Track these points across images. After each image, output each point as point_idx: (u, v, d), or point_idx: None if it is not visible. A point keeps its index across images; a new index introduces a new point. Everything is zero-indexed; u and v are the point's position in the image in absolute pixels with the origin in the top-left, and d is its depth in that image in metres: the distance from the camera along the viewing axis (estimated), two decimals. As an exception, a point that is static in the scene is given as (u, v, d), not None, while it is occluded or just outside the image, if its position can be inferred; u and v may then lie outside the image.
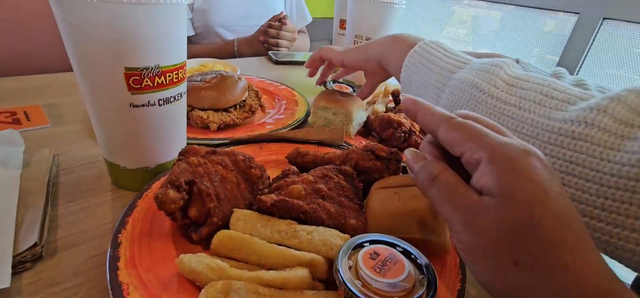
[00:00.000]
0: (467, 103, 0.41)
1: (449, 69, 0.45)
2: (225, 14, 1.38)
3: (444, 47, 0.48)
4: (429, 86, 0.47)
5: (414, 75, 0.49)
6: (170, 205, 0.36)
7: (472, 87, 0.40)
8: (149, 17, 0.38)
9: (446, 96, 0.44)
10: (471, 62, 0.44)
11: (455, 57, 0.46)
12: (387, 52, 0.56)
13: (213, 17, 1.35)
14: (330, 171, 0.45)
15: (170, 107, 0.45)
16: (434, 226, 0.38)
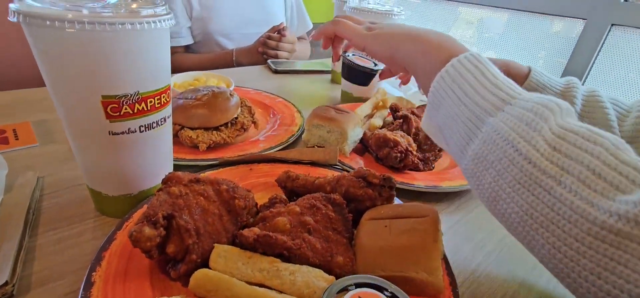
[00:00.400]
0: (499, 161, 0.33)
1: (484, 107, 0.35)
2: (225, 22, 1.37)
3: (485, 68, 0.37)
4: (458, 122, 0.37)
5: (443, 102, 0.39)
6: (145, 243, 0.34)
7: (508, 145, 0.32)
8: (125, 44, 0.36)
9: (477, 145, 0.35)
10: (516, 98, 0.34)
11: (495, 89, 0.35)
12: (416, 60, 0.46)
13: (212, 26, 1.34)
14: (318, 200, 0.42)
15: (153, 133, 0.43)
16: (426, 264, 0.36)
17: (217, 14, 1.34)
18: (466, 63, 0.38)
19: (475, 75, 0.37)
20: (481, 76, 0.37)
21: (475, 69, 0.38)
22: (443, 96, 0.39)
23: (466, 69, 0.38)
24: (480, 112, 0.35)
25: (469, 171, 0.36)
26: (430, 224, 0.39)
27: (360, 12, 0.83)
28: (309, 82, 1.16)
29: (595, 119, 0.63)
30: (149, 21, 0.37)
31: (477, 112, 0.36)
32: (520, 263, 0.49)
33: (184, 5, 1.29)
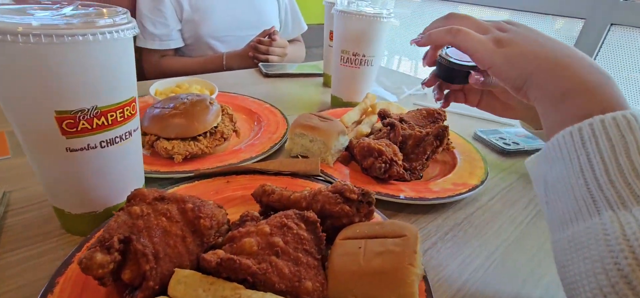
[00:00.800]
0: (599, 261, 0.27)
1: (608, 196, 0.27)
2: (217, 24, 1.34)
3: (631, 142, 0.28)
4: (570, 194, 0.30)
5: (560, 162, 0.31)
6: (97, 270, 0.32)
7: (615, 256, 0.26)
8: (79, 56, 0.34)
9: (581, 231, 0.29)
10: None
11: (633, 177, 0.27)
12: (552, 98, 0.36)
13: (204, 28, 1.32)
14: (290, 218, 0.40)
15: (117, 148, 0.41)
16: (400, 290, 0.34)
17: (208, 16, 1.31)
18: (610, 129, 0.29)
19: (615, 147, 0.28)
20: (622, 152, 0.28)
21: (619, 140, 0.29)
22: (563, 156, 0.32)
23: (607, 136, 0.29)
24: (601, 199, 0.28)
25: (560, 247, 0.32)
26: (406, 245, 0.36)
27: (347, 16, 0.81)
28: (300, 85, 1.13)
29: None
30: (104, 31, 0.34)
31: (597, 197, 0.28)
32: (509, 279, 0.46)
33: (173, 7, 1.26)
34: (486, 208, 0.60)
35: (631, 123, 0.29)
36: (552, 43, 0.39)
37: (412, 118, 0.74)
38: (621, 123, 0.29)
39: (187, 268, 0.36)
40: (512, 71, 0.40)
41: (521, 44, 0.40)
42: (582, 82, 0.34)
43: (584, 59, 0.36)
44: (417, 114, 0.75)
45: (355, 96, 0.90)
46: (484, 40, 0.42)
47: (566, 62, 0.37)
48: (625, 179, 0.27)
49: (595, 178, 0.29)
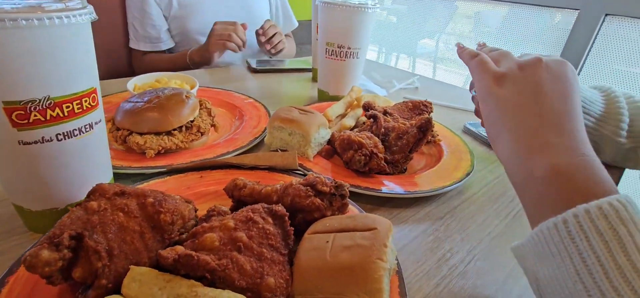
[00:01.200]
0: None
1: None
2: (206, 20, 1.30)
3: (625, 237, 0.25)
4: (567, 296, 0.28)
5: (550, 259, 0.30)
6: (43, 268, 0.30)
7: None
8: (26, 42, 0.32)
9: None
10: None
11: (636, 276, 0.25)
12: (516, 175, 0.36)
13: (191, 24, 1.29)
14: (257, 212, 0.38)
15: (76, 142, 0.39)
16: (367, 286, 0.32)
17: (196, 11, 1.29)
18: (598, 222, 0.26)
19: (609, 245, 0.26)
20: (619, 251, 0.25)
21: (612, 236, 0.26)
22: (553, 253, 0.29)
23: (597, 231, 0.26)
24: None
25: None
26: (376, 239, 0.34)
27: (331, 7, 0.79)
28: (289, 81, 1.12)
29: (638, 128, 0.61)
30: (52, 16, 0.32)
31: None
32: (489, 276, 0.44)
33: (158, 5, 1.24)
34: (471, 201, 0.59)
35: (620, 213, 0.26)
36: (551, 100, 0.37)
37: (397, 111, 0.72)
38: (609, 214, 0.26)
39: (145, 265, 0.34)
40: (487, 125, 0.42)
41: (511, 89, 0.40)
42: (563, 163, 0.32)
43: (574, 132, 0.35)
44: (403, 107, 0.74)
45: (341, 90, 0.88)
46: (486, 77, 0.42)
47: (546, 133, 0.35)
48: (630, 286, 0.25)
49: (596, 283, 0.26)
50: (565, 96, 0.37)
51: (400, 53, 3.52)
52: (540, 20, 1.78)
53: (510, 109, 0.38)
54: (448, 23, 3.16)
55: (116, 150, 0.58)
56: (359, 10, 0.78)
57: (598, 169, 0.31)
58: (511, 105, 0.38)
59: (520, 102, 0.38)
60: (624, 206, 0.26)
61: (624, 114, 0.61)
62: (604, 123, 0.62)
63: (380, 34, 3.42)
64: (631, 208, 0.26)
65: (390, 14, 3.47)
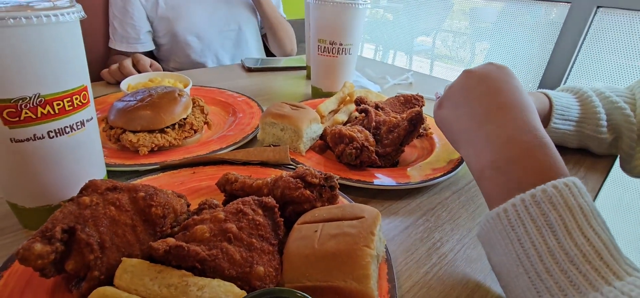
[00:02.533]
0: None
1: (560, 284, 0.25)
2: (194, 20, 1.28)
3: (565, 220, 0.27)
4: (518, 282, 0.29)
5: (496, 247, 0.31)
6: (35, 261, 0.30)
7: None
8: (14, 41, 0.33)
9: None
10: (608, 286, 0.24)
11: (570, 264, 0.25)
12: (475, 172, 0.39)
13: (180, 25, 1.26)
14: (247, 204, 0.39)
15: (68, 139, 0.40)
16: (354, 272, 0.33)
17: (184, 12, 1.26)
18: (531, 208, 0.28)
19: (542, 230, 0.27)
20: (550, 236, 0.27)
21: (543, 221, 0.27)
22: (498, 240, 0.31)
23: (531, 218, 0.28)
24: (542, 290, 0.26)
25: None
26: (362, 227, 0.35)
27: (322, 4, 0.79)
28: (283, 79, 1.12)
29: (616, 121, 0.63)
30: (40, 14, 0.33)
31: (539, 288, 0.27)
32: (477, 264, 0.45)
33: (144, 6, 1.21)
34: (462, 192, 0.59)
35: (552, 198, 0.28)
36: (480, 100, 0.40)
37: (389, 105, 0.73)
38: (541, 200, 0.28)
39: (137, 257, 0.35)
40: (445, 134, 0.47)
41: (449, 107, 0.45)
42: (502, 155, 0.35)
43: (514, 121, 0.36)
44: (395, 101, 0.74)
45: (334, 86, 0.89)
46: (434, 104, 0.50)
47: (485, 131, 0.37)
48: (560, 267, 0.26)
49: (532, 266, 0.27)
50: (492, 92, 0.40)
51: (397, 51, 3.53)
52: (534, 14, 1.79)
53: (453, 122, 0.44)
54: (444, 20, 3.17)
55: (110, 148, 0.58)
56: (349, 6, 0.79)
57: (539, 155, 0.33)
58: (452, 119, 0.44)
59: (457, 113, 0.43)
60: (558, 192, 0.28)
61: (600, 112, 0.64)
62: (584, 124, 0.66)
63: (377, 32, 3.43)
64: (567, 193, 0.27)
65: (387, 12, 3.48)
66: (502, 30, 2.00)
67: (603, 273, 0.24)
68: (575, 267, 0.25)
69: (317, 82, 0.91)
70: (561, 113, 0.64)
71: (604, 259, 0.25)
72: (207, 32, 1.32)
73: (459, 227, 0.51)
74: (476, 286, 0.42)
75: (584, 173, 0.67)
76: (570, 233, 0.26)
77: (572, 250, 0.26)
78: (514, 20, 1.89)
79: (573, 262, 0.25)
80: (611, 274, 0.24)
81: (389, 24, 3.41)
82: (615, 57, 1.38)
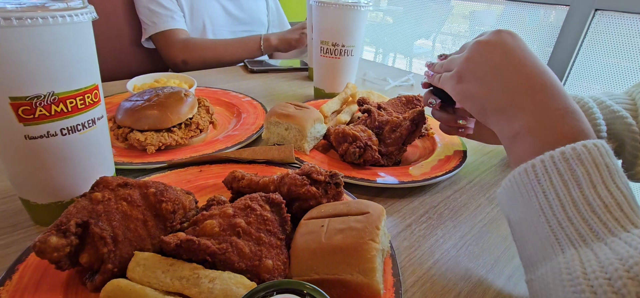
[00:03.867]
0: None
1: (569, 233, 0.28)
2: (209, 15, 1.33)
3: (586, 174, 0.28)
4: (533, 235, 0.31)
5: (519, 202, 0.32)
6: (51, 253, 0.31)
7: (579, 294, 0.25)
8: (31, 40, 0.34)
9: (547, 271, 0.29)
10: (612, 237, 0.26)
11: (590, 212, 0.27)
12: (508, 138, 0.39)
13: (195, 20, 1.31)
14: (255, 200, 0.40)
15: (79, 136, 0.41)
16: (360, 265, 0.33)
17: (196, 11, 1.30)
18: (559, 163, 0.29)
19: (568, 182, 0.28)
20: (575, 187, 0.28)
21: (570, 174, 0.29)
22: (522, 195, 0.32)
23: (558, 172, 0.29)
24: (562, 237, 0.28)
25: (533, 289, 0.32)
26: (368, 222, 0.36)
27: (325, 6, 0.81)
28: (285, 80, 1.13)
29: (616, 129, 0.63)
30: (56, 15, 0.34)
31: (559, 235, 0.28)
32: (479, 260, 0.46)
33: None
34: (464, 191, 0.60)
35: (581, 155, 0.29)
36: (510, 73, 0.40)
37: (391, 105, 0.74)
38: (570, 156, 0.29)
39: (149, 251, 0.36)
40: (471, 108, 0.45)
41: (474, 81, 0.44)
42: (535, 121, 0.36)
43: (544, 91, 0.37)
44: (397, 102, 0.75)
45: (337, 87, 0.90)
46: (448, 78, 0.48)
47: (518, 101, 0.38)
48: (582, 215, 0.27)
49: (554, 215, 0.29)
50: (519, 65, 0.40)
51: (397, 53, 3.55)
52: (533, 17, 1.81)
53: (481, 96, 0.43)
54: (444, 23, 3.19)
55: (118, 147, 0.59)
56: (352, 8, 0.80)
57: (570, 121, 0.34)
58: (480, 93, 0.43)
59: (486, 87, 0.42)
60: (587, 150, 0.29)
61: (601, 124, 0.63)
62: None
63: (377, 35, 3.44)
64: (595, 152, 0.29)
65: (387, 15, 3.50)
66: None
67: (622, 222, 0.26)
68: (596, 216, 0.27)
69: (320, 83, 0.92)
70: None
71: (624, 210, 0.26)
72: (222, 28, 1.36)
73: (460, 224, 0.52)
74: (478, 281, 0.42)
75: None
76: (595, 186, 0.27)
77: (595, 201, 0.27)
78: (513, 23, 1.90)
79: (595, 211, 0.27)
80: (629, 223, 0.26)
81: (389, 26, 3.43)
82: (613, 60, 1.39)
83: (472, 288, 0.41)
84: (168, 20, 1.21)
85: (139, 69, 1.33)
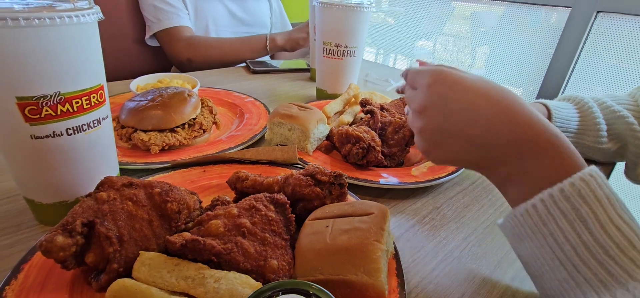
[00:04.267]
0: None
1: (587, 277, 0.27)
2: (213, 16, 1.33)
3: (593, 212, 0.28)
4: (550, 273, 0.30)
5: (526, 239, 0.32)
6: (57, 253, 0.32)
7: None
8: (38, 40, 0.34)
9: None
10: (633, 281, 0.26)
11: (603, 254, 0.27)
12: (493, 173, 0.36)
13: (199, 22, 1.31)
14: (260, 201, 0.40)
15: (84, 136, 0.41)
16: (365, 266, 0.33)
17: (204, 10, 1.30)
18: (561, 204, 0.29)
19: (574, 224, 0.28)
20: (583, 230, 0.28)
21: (575, 216, 0.28)
22: (528, 234, 0.31)
23: (562, 213, 0.28)
24: (581, 282, 0.28)
25: None
26: (373, 222, 0.36)
27: (328, 7, 0.81)
28: (287, 81, 1.13)
29: (618, 130, 0.63)
30: (63, 16, 0.34)
31: (577, 279, 0.28)
32: (483, 261, 0.46)
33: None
34: (466, 192, 0.60)
35: (581, 191, 0.28)
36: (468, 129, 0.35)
37: (393, 106, 0.74)
38: (570, 194, 0.29)
39: (154, 251, 0.36)
40: (438, 157, 0.40)
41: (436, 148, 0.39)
42: (520, 167, 0.33)
43: (514, 133, 0.33)
44: (399, 103, 0.75)
45: (339, 88, 0.90)
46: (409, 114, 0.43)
47: (494, 156, 0.34)
48: (597, 259, 0.27)
49: (568, 258, 0.28)
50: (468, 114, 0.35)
51: (398, 54, 3.55)
52: (535, 18, 1.81)
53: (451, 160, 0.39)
54: (445, 24, 3.19)
55: (121, 147, 0.59)
56: (355, 9, 0.80)
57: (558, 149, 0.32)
58: (445, 157, 0.39)
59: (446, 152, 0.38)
60: (585, 184, 0.28)
61: (600, 123, 0.63)
62: (583, 136, 0.64)
63: (378, 35, 3.45)
64: (594, 184, 0.28)
65: (388, 16, 3.50)
66: (503, 35, 2.01)
67: (638, 263, 0.26)
68: (611, 259, 0.27)
69: (322, 83, 0.93)
70: (560, 126, 0.63)
71: (636, 247, 0.26)
72: (225, 29, 1.36)
73: (464, 226, 0.52)
74: (482, 282, 0.43)
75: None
76: (602, 225, 0.27)
77: (606, 243, 0.27)
78: (515, 24, 1.90)
79: (609, 254, 0.27)
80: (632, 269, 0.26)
81: (390, 27, 3.43)
82: (615, 62, 1.39)
83: (475, 290, 0.41)
84: (173, 18, 1.20)
85: (141, 68, 1.33)
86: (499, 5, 2.07)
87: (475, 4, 2.83)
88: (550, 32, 1.54)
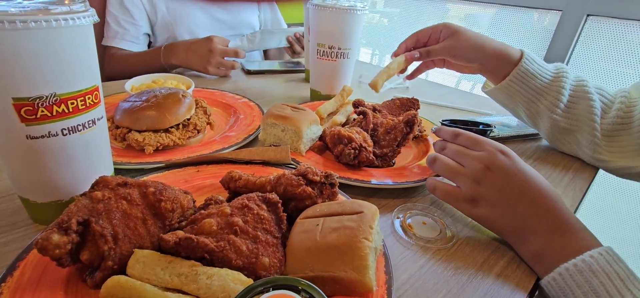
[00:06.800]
0: None
1: None
2: (195, 25, 1.29)
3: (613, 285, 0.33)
4: None
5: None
6: (53, 250, 0.32)
7: None
8: (34, 42, 0.35)
9: None
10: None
11: None
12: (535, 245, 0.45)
13: (180, 30, 1.27)
14: (252, 200, 0.41)
15: (79, 137, 0.41)
16: (354, 263, 0.35)
17: (185, 15, 1.27)
18: (575, 277, 0.35)
19: (586, 294, 0.34)
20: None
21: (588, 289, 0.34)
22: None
23: (577, 284, 0.35)
24: None
25: None
26: (362, 221, 0.37)
27: (322, 9, 0.82)
28: (282, 82, 1.14)
29: (578, 110, 0.64)
30: (59, 18, 0.35)
31: None
32: (470, 258, 0.47)
33: (145, 9, 1.22)
34: (456, 192, 0.62)
35: (592, 266, 0.34)
36: (516, 199, 0.46)
37: (386, 108, 0.75)
38: (582, 269, 0.34)
39: (148, 249, 0.37)
40: (484, 226, 0.50)
41: (488, 207, 0.48)
42: (549, 242, 0.42)
43: (548, 212, 0.43)
44: (391, 104, 0.77)
45: (333, 89, 0.91)
46: (460, 200, 0.51)
47: (530, 225, 0.44)
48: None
49: None
50: (523, 190, 0.46)
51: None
52: (526, 21, 1.83)
53: (496, 220, 0.48)
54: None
55: (116, 147, 0.60)
56: (348, 12, 0.81)
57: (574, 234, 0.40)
58: (494, 217, 0.48)
59: (499, 212, 0.47)
60: (595, 260, 0.34)
61: (564, 89, 0.64)
62: (541, 97, 0.67)
63: (373, 36, 3.46)
64: (603, 261, 0.34)
65: (383, 17, 3.52)
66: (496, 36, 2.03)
67: None
68: None
69: (316, 85, 0.94)
70: (523, 76, 0.67)
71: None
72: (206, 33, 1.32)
73: (453, 224, 0.53)
74: (468, 279, 0.44)
75: (572, 175, 0.70)
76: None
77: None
78: (508, 26, 1.93)
79: None
80: None
81: (385, 28, 3.45)
82: (604, 64, 1.42)
83: (462, 286, 0.43)
84: (115, 38, 1.20)
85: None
86: (491, 7, 2.09)
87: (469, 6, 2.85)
88: (542, 34, 1.57)
